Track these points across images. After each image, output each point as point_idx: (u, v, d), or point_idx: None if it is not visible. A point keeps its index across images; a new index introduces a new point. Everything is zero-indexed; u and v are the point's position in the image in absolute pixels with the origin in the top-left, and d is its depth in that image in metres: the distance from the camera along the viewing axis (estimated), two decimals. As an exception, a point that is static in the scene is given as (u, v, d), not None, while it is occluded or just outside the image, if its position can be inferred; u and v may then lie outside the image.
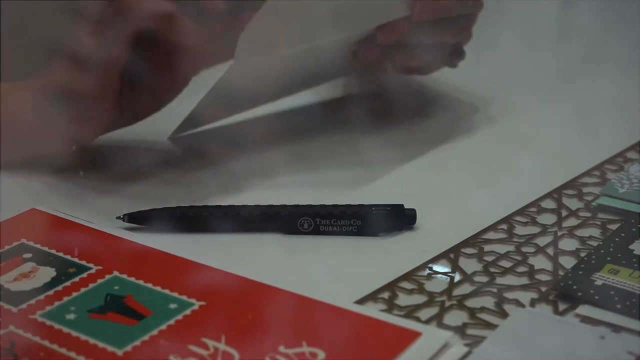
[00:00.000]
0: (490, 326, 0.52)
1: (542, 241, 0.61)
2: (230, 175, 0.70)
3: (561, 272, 0.57)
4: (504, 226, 0.63)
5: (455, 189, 0.69)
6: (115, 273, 0.56)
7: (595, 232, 0.62)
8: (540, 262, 0.59)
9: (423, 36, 0.73)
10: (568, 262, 0.58)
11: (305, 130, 0.78)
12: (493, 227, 0.62)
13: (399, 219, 0.62)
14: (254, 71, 0.70)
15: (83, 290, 0.54)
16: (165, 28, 0.65)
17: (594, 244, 0.60)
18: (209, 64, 0.77)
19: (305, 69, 0.75)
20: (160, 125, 0.74)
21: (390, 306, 0.54)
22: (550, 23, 1.11)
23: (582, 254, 0.59)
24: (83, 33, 0.65)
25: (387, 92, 0.84)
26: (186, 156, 0.74)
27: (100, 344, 0.50)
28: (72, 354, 0.49)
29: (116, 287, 0.54)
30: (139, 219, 0.62)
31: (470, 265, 0.58)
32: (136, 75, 0.67)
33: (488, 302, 0.55)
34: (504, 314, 0.54)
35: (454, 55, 0.77)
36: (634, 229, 0.61)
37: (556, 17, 1.12)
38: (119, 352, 0.49)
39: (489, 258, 0.59)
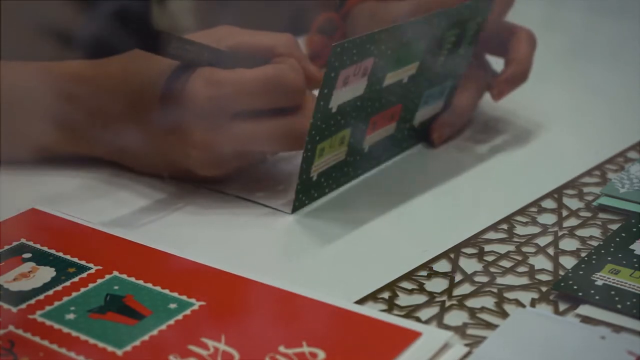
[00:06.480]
0: (490, 326, 0.52)
1: (542, 241, 0.61)
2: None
3: (561, 272, 0.57)
4: (504, 226, 0.63)
5: (455, 188, 0.69)
6: (115, 273, 0.56)
7: (595, 232, 0.62)
8: (540, 262, 0.59)
9: None
10: (568, 262, 0.58)
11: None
12: (493, 227, 0.62)
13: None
14: None
15: (83, 290, 0.54)
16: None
17: (595, 244, 0.60)
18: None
19: None
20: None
21: (391, 306, 0.54)
22: (546, 18, 1.10)
23: (583, 254, 0.59)
24: None
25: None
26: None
27: (100, 344, 0.50)
28: (72, 354, 0.49)
29: (116, 287, 0.54)
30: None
31: (470, 265, 0.58)
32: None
33: (488, 302, 0.55)
34: (504, 314, 0.53)
35: None
36: (634, 229, 0.61)
37: (553, 12, 1.12)
38: (119, 352, 0.49)
39: (489, 258, 0.59)
